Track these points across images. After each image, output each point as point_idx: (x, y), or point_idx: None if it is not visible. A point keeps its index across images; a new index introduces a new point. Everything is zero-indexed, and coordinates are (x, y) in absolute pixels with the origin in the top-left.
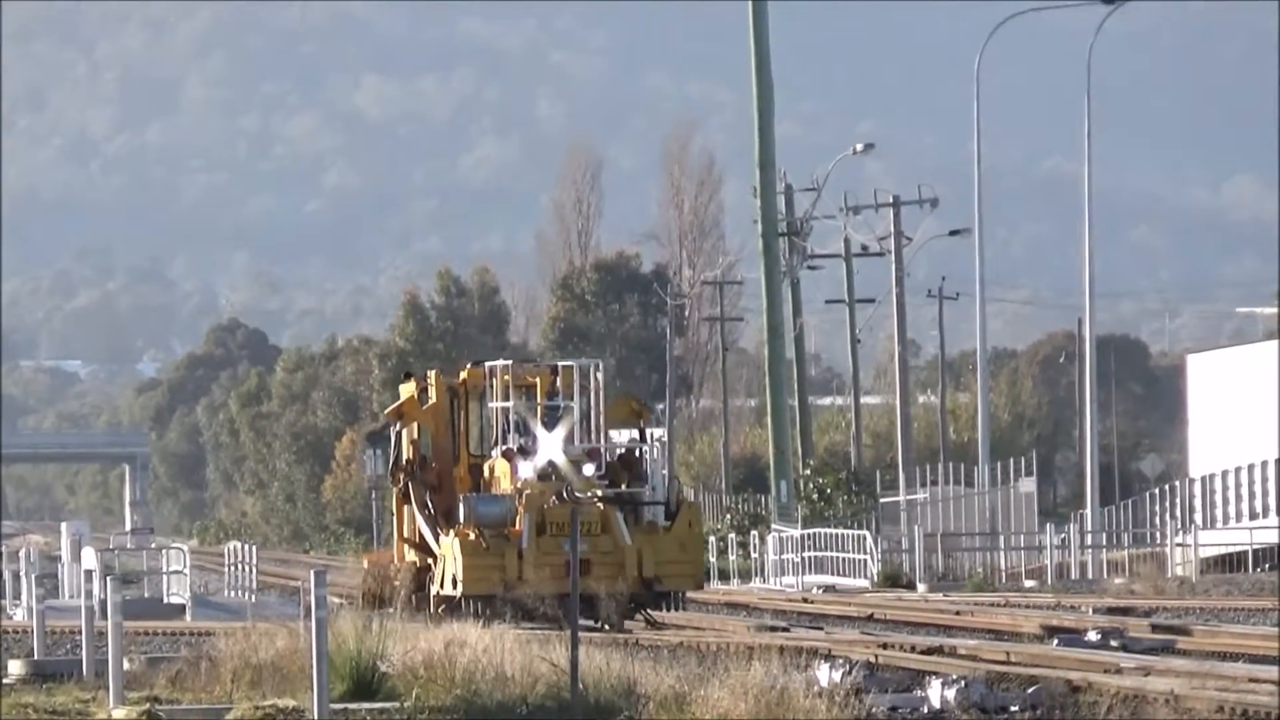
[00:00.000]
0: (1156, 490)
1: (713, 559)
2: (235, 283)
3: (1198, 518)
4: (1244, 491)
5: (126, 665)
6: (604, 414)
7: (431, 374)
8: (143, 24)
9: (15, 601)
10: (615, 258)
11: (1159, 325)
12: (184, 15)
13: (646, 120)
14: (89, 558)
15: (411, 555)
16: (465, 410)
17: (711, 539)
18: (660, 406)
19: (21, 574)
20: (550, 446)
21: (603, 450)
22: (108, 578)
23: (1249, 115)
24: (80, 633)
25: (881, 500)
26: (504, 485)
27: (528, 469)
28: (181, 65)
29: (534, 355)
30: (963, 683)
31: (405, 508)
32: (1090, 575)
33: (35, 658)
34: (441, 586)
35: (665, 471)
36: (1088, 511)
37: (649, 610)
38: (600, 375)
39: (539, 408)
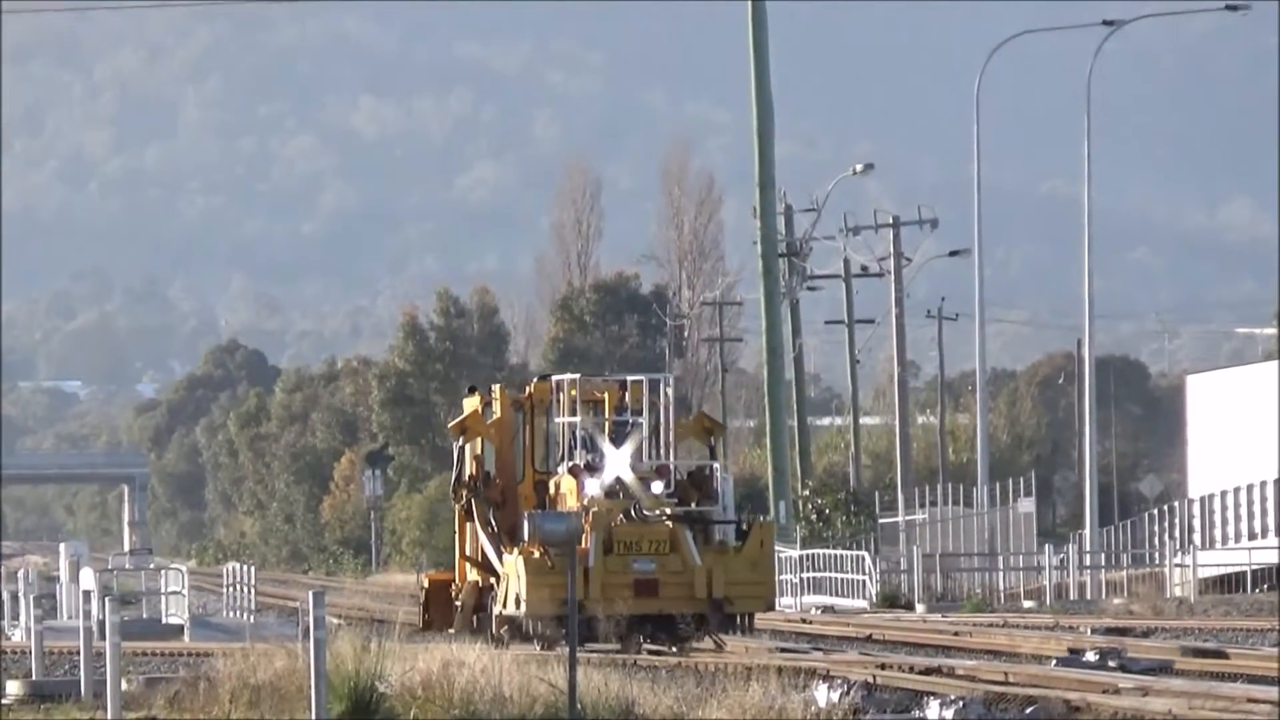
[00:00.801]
0: (1155, 511)
1: None
2: (233, 304)
3: (1196, 538)
4: (1243, 512)
5: (125, 686)
6: (674, 430)
7: (496, 387)
8: (140, 46)
9: (14, 622)
10: (614, 278)
11: (1158, 346)
12: (181, 37)
13: (644, 141)
14: (87, 578)
15: (474, 574)
16: (531, 425)
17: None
18: None
19: (20, 594)
20: (618, 463)
21: (672, 467)
22: (106, 598)
23: (1245, 138)
24: (79, 653)
25: (880, 521)
26: (570, 503)
27: (595, 486)
28: (179, 87)
29: (601, 372)
30: (961, 703)
31: (468, 525)
32: (1089, 596)
33: (34, 678)
34: (504, 606)
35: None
36: (1086, 532)
37: (718, 633)
38: (670, 390)
39: (607, 423)
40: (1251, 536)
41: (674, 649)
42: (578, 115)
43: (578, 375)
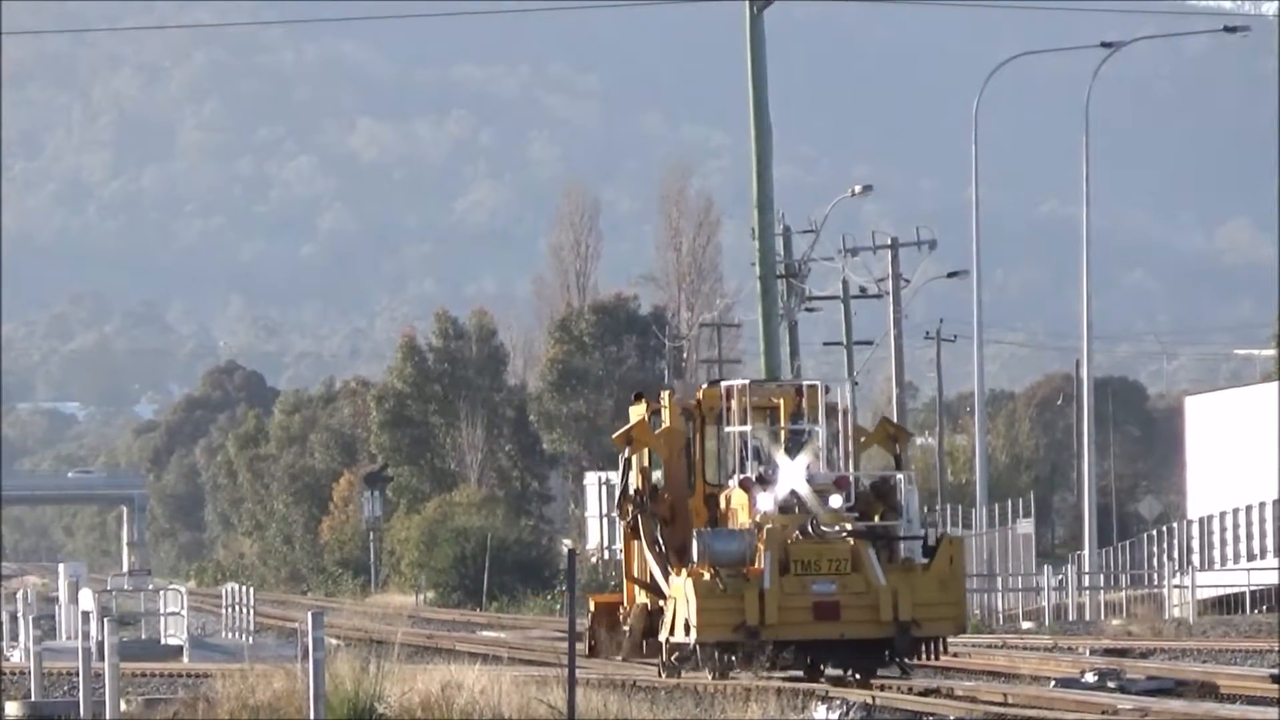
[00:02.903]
0: (1154, 532)
1: None
2: (232, 326)
3: (1195, 559)
4: (1241, 533)
5: (123, 707)
6: (853, 438)
7: (664, 394)
8: (137, 69)
9: (13, 643)
10: (613, 300)
11: (1156, 367)
12: (179, 60)
13: (642, 163)
14: (86, 599)
15: (642, 596)
16: (701, 435)
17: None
18: None
19: (19, 615)
20: (793, 475)
21: (852, 479)
22: (105, 619)
23: (1243, 160)
24: (78, 674)
25: None
26: (742, 519)
27: (767, 500)
28: (176, 110)
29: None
30: None
31: (634, 543)
32: (1088, 617)
33: (33, 699)
34: (672, 632)
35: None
36: (1085, 553)
37: (906, 658)
38: (851, 395)
39: (783, 432)
40: (1250, 558)
41: (858, 676)
42: (575, 138)
43: (749, 380)
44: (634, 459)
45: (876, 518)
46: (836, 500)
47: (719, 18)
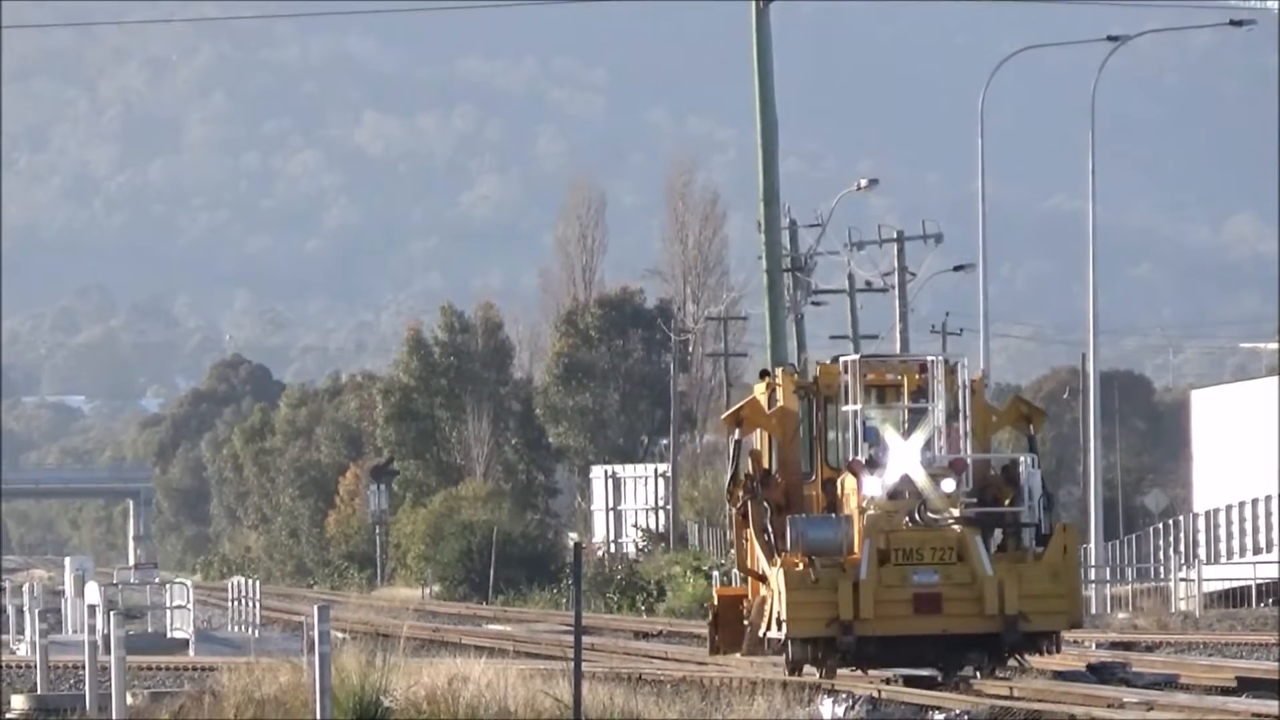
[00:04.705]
0: (1160, 525)
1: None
2: (238, 320)
3: (1201, 552)
4: (1247, 526)
5: (130, 700)
6: (975, 417)
7: (779, 371)
8: (144, 63)
9: (18, 636)
10: (619, 293)
11: (1162, 361)
12: (185, 54)
13: (647, 157)
14: (92, 592)
15: (764, 589)
16: (822, 415)
17: (715, 574)
18: (664, 442)
19: (25, 608)
20: (905, 458)
21: (969, 462)
22: (111, 612)
23: (1249, 155)
24: (83, 667)
25: None
26: (854, 504)
27: (874, 485)
28: (183, 104)
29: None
30: (965, 718)
31: (746, 531)
32: (1094, 610)
33: (38, 692)
34: (768, 626)
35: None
36: (1091, 546)
37: (1022, 654)
38: (969, 373)
39: (904, 411)
40: (1256, 551)
41: (977, 673)
42: (581, 132)
43: (860, 355)
44: (745, 441)
45: (1007, 503)
46: (950, 484)
47: (725, 12)
